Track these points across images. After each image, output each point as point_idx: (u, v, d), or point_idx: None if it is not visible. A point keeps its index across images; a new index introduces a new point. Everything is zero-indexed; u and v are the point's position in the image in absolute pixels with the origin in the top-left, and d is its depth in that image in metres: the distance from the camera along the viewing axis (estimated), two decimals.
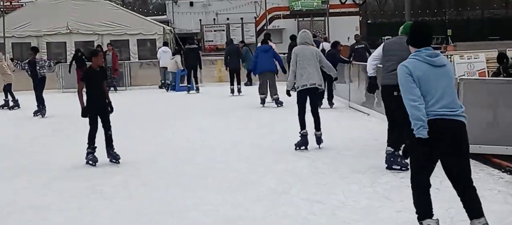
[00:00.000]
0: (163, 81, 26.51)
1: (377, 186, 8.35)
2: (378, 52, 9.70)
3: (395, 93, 8.65)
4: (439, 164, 8.17)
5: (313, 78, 11.24)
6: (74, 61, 25.93)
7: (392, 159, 9.24)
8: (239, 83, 22.48)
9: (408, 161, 7.36)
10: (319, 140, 11.34)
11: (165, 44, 29.36)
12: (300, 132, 11.26)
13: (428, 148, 5.93)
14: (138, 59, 32.41)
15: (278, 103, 17.94)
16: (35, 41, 37.59)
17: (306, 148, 11.19)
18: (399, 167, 9.15)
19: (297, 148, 11.18)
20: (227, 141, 12.53)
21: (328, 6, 50.84)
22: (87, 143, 10.33)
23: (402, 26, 9.44)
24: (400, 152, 8.62)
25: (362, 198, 7.75)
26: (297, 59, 11.22)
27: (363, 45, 22.16)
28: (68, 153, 11.96)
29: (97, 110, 10.27)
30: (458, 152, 5.93)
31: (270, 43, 20.29)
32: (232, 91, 22.17)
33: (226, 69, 22.93)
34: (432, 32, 6.33)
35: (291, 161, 10.23)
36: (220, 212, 7.43)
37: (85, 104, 10.31)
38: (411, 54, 6.03)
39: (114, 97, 11.12)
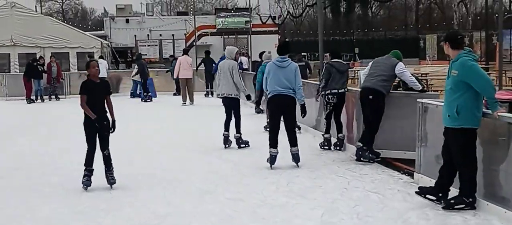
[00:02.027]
0: None
1: (293, 185, 8.42)
2: (367, 68, 10.52)
3: (371, 97, 9.73)
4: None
5: (225, 88, 11.80)
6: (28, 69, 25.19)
7: (360, 152, 9.88)
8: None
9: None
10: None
11: (101, 57, 28.93)
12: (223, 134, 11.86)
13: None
14: (77, 70, 31.62)
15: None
16: None
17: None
18: (367, 160, 9.81)
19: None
20: (160, 144, 12.44)
21: (251, 25, 51.22)
22: (84, 164, 8.40)
23: (392, 51, 10.47)
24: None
25: (280, 196, 7.80)
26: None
27: (303, 63, 20.31)
28: (6, 155, 11.64)
29: (95, 127, 8.31)
30: None
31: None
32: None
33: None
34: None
35: (215, 164, 10.21)
36: (150, 209, 7.33)
37: (84, 118, 8.37)
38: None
39: (57, 105, 10.93)
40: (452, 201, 6.87)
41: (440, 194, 6.99)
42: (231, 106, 11.86)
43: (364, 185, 8.34)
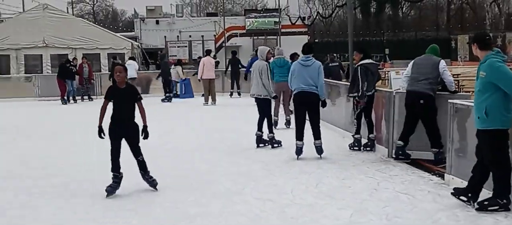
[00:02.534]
0: None
1: (322, 186, 8.41)
2: (408, 69, 10.06)
3: (421, 101, 9.48)
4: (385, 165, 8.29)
5: (256, 89, 11.90)
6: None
7: (400, 151, 9.81)
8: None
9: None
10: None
11: (132, 58, 29.18)
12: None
13: None
14: (108, 71, 31.92)
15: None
16: (14, 54, 36.96)
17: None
18: (404, 157, 9.80)
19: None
20: (190, 145, 12.51)
21: (280, 26, 51.21)
22: (111, 170, 8.20)
23: (429, 48, 10.00)
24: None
25: (308, 197, 7.80)
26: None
27: (337, 64, 20.68)
28: (14, 155, 11.77)
29: (120, 134, 8.08)
30: None
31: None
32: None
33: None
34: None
35: (245, 165, 10.23)
36: (180, 210, 7.38)
37: (109, 124, 8.14)
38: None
39: (90, 105, 10.95)
40: (486, 203, 6.79)
41: (470, 194, 6.93)
42: (262, 107, 11.94)
43: (393, 186, 8.29)
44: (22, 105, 23.71)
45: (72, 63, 25.58)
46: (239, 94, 25.59)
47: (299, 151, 10.53)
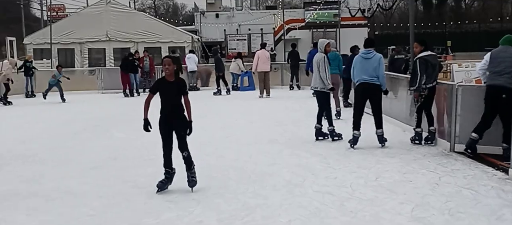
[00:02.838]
0: (190, 84, 26.73)
1: (381, 180, 8.34)
2: (484, 62, 9.93)
3: (504, 96, 9.27)
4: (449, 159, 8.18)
5: (314, 81, 11.95)
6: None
7: (472, 145, 9.67)
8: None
9: None
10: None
11: (191, 51, 29.51)
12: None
13: None
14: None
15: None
16: (78, 47, 37.92)
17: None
18: (472, 151, 9.68)
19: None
20: (250, 137, 12.60)
21: (340, 18, 50.81)
22: (163, 165, 8.12)
23: (503, 39, 9.87)
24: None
25: (368, 191, 7.74)
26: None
27: (403, 56, 20.16)
28: (104, 146, 12.06)
29: (169, 127, 7.89)
30: None
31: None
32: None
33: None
34: None
35: (304, 157, 10.24)
36: (240, 201, 7.45)
37: (159, 118, 7.97)
38: None
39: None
40: None
41: None
42: (320, 99, 11.94)
43: (456, 180, 8.16)
44: (91, 97, 24.30)
45: (134, 57, 25.98)
46: (298, 87, 25.60)
47: (355, 140, 10.89)
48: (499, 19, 69.82)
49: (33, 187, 8.57)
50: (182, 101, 7.89)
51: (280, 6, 55.62)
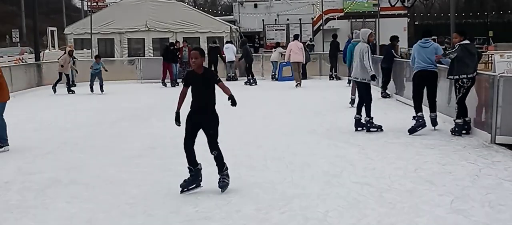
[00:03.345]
0: (229, 74, 26.85)
1: (420, 171, 8.29)
2: None
3: None
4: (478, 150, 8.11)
5: (355, 71, 11.92)
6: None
7: None
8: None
9: None
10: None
11: (229, 42, 29.60)
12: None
13: None
14: (207, 55, 32.55)
15: None
16: (117, 38, 38.30)
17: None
18: None
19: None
20: (289, 127, 12.62)
21: (379, 8, 50.33)
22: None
23: None
24: None
25: (407, 182, 7.71)
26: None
27: (444, 47, 19.70)
28: (144, 135, 12.20)
29: (198, 122, 7.53)
30: None
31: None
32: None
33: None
34: None
35: (342, 148, 10.22)
36: (278, 190, 7.49)
37: (188, 111, 7.63)
38: None
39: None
40: None
41: None
42: (360, 90, 11.89)
43: (496, 172, 8.06)
44: (130, 87, 24.57)
45: (175, 47, 26.11)
46: (337, 77, 25.51)
47: (422, 122, 11.47)
48: None
49: (74, 175, 8.73)
50: (214, 94, 7.57)
51: None
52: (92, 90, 21.87)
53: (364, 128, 11.79)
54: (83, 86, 22.74)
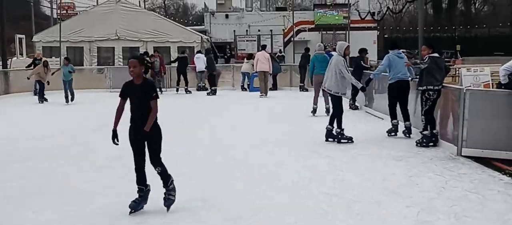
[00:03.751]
0: (199, 84, 26.81)
1: (388, 183, 8.34)
2: (509, 64, 10.26)
3: None
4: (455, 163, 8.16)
5: (328, 83, 12.01)
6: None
7: None
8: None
9: None
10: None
11: (200, 52, 29.58)
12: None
13: None
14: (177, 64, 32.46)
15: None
16: (87, 46, 38.04)
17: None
18: None
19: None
20: (258, 137, 12.63)
21: (349, 21, 50.82)
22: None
23: None
24: None
25: (375, 193, 7.75)
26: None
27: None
28: (112, 145, 12.07)
29: (139, 137, 6.92)
30: None
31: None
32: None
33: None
34: None
35: (311, 158, 10.25)
36: (246, 201, 7.47)
37: (114, 126, 7.11)
38: None
39: (161, 99, 10.88)
40: None
41: None
42: (332, 102, 11.97)
43: (462, 184, 8.16)
44: (99, 96, 24.36)
45: (148, 60, 25.77)
46: (306, 89, 25.65)
47: (395, 129, 12.40)
48: (509, 23, 69.50)
49: (41, 184, 8.62)
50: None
51: (290, 7, 55.72)
52: (67, 101, 21.16)
53: (335, 139, 11.84)
54: (52, 94, 22.47)
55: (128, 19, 37.52)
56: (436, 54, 11.16)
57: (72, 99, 21.20)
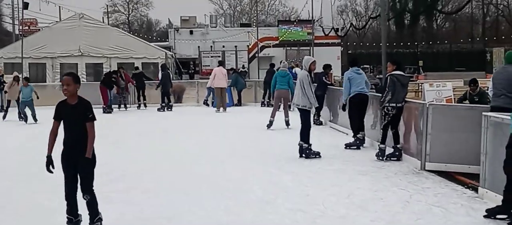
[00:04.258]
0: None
1: (353, 197, 8.38)
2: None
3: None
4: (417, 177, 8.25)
5: (296, 98, 12.05)
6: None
7: None
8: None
9: None
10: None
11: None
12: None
13: None
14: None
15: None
16: (50, 62, 37.64)
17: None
18: None
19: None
20: (224, 152, 12.59)
21: (313, 37, 51.20)
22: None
23: (506, 55, 9.74)
24: None
25: (340, 208, 7.79)
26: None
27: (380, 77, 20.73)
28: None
29: (72, 162, 6.41)
30: None
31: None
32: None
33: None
34: None
35: (276, 175, 10.25)
36: (212, 218, 7.44)
37: (48, 152, 6.59)
38: None
39: (125, 115, 10.93)
40: (497, 209, 6.80)
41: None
42: (301, 116, 11.95)
43: (426, 198, 8.25)
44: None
45: (114, 76, 25.44)
46: (269, 104, 25.68)
47: (362, 140, 13.16)
48: (469, 39, 70.94)
49: (2, 201, 8.47)
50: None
51: (254, 24, 55.94)
52: (21, 118, 20.20)
53: (303, 155, 11.83)
54: (15, 110, 22.06)
55: (92, 35, 37.28)
56: (398, 72, 11.33)
57: (34, 119, 19.98)
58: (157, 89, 25.59)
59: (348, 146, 13.02)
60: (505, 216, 6.88)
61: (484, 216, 7.10)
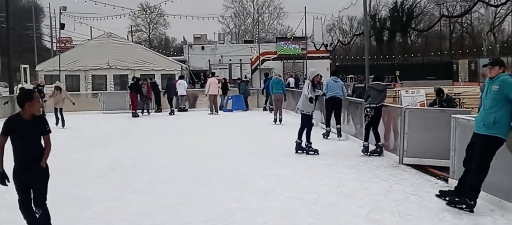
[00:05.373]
0: (180, 106, 26.64)
1: (342, 187, 8.36)
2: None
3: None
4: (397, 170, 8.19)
5: (300, 103, 12.15)
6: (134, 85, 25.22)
7: None
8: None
9: None
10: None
11: (181, 77, 29.43)
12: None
13: None
14: (162, 89, 32.33)
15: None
16: (83, 74, 37.67)
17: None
18: None
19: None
20: (231, 150, 12.57)
21: (306, 51, 51.37)
22: None
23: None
24: None
25: (331, 196, 7.77)
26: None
27: (363, 85, 19.84)
28: (106, 158, 11.95)
29: (26, 180, 5.38)
30: None
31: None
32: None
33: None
34: None
35: (276, 168, 10.23)
36: (223, 204, 7.43)
37: (13, 167, 5.40)
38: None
39: (147, 119, 10.85)
40: (457, 200, 6.71)
41: (456, 199, 6.77)
42: (303, 119, 11.94)
43: (404, 188, 8.22)
44: (94, 117, 24.09)
45: (142, 82, 25.39)
46: (271, 109, 25.65)
47: (328, 133, 14.46)
48: (439, 53, 70.90)
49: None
50: (42, 145, 5.47)
51: (256, 40, 56.03)
52: (57, 124, 18.86)
53: (304, 151, 11.79)
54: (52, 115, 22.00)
55: (118, 51, 37.32)
56: (376, 82, 11.93)
57: (63, 125, 19.10)
58: (164, 96, 26.04)
59: (324, 136, 14.44)
60: (451, 200, 6.78)
61: (436, 195, 7.09)
